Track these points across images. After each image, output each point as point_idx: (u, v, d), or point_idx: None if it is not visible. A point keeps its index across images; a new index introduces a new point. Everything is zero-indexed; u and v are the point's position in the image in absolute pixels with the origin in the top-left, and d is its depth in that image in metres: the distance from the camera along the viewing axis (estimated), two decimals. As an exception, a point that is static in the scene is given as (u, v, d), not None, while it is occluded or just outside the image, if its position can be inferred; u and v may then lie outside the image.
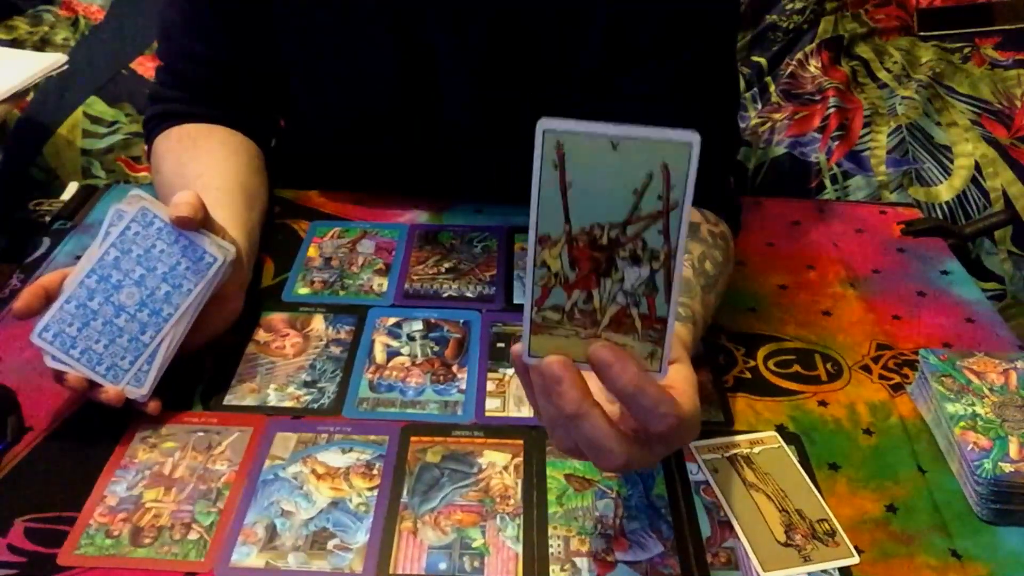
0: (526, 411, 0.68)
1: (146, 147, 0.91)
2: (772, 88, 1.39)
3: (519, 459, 0.64)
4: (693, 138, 0.43)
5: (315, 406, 0.69)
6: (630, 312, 0.48)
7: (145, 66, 1.44)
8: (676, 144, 0.44)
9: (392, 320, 0.78)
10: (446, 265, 0.85)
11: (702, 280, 0.70)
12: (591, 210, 0.46)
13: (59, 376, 0.64)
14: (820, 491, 0.63)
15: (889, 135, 1.29)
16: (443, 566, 0.57)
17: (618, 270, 0.47)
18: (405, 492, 0.61)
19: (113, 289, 0.65)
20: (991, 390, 0.67)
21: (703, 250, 0.72)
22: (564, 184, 0.45)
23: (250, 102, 0.90)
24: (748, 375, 0.73)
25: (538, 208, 0.46)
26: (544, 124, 0.44)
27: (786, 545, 0.59)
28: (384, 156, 0.93)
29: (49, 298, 0.64)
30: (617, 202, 0.45)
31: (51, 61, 1.26)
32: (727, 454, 0.65)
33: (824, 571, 0.57)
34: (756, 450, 0.66)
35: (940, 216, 1.22)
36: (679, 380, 0.51)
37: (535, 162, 0.45)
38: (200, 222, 0.66)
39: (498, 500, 0.61)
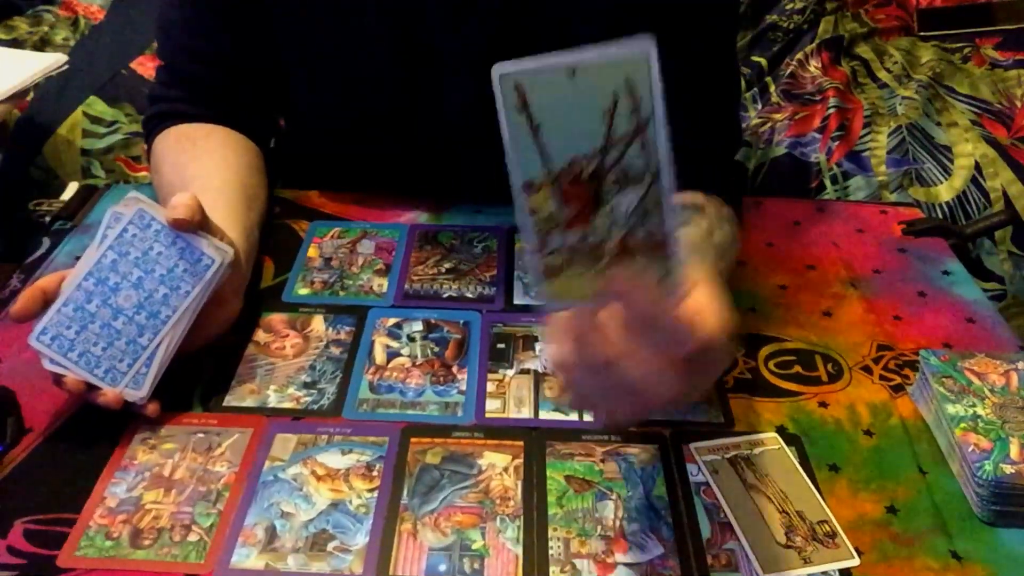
0: (526, 412, 0.68)
1: (145, 147, 0.91)
2: (772, 88, 1.39)
3: (519, 460, 0.64)
4: (648, 47, 0.41)
5: (315, 407, 0.68)
6: (632, 238, 0.47)
7: (145, 66, 1.44)
8: (633, 57, 0.42)
9: (392, 321, 0.78)
10: (446, 265, 0.85)
11: (711, 247, 0.69)
12: (567, 145, 0.44)
13: (57, 379, 0.64)
14: (820, 492, 0.62)
15: (889, 135, 1.29)
16: (443, 568, 0.56)
17: (609, 199, 0.46)
18: (405, 493, 0.61)
19: (111, 292, 0.65)
20: (992, 391, 0.67)
21: (710, 223, 0.72)
22: (533, 125, 0.44)
23: (250, 102, 0.90)
24: (748, 376, 0.73)
25: (513, 155, 0.45)
26: (499, 69, 0.43)
27: (786, 547, 0.58)
28: (384, 156, 0.93)
29: (47, 300, 0.64)
30: (590, 131, 0.44)
31: (51, 61, 1.26)
32: (727, 455, 0.65)
33: (824, 573, 0.57)
34: (756, 451, 0.66)
35: (940, 216, 1.22)
36: (703, 300, 0.51)
37: (499, 110, 0.44)
38: (198, 224, 0.66)
39: (498, 501, 0.61)
